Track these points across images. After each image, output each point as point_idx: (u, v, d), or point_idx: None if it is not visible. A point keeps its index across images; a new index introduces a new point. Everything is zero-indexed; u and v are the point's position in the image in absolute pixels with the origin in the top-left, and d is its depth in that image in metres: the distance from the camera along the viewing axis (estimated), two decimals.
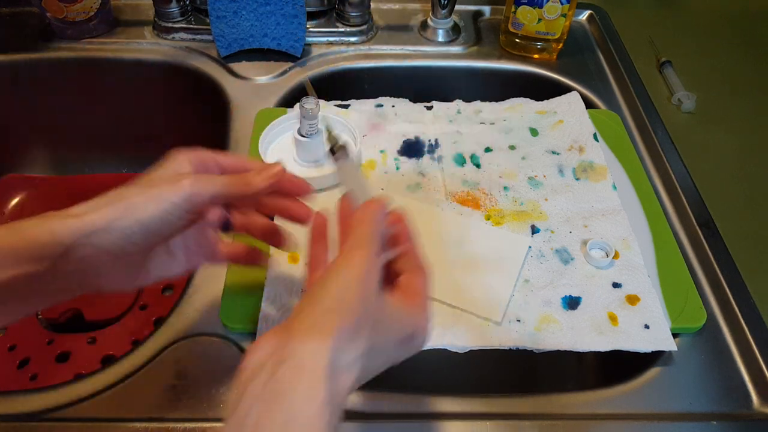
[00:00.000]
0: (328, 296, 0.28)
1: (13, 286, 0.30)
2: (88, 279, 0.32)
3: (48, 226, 0.30)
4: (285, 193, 0.38)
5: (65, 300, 0.33)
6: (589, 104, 0.67)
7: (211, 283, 0.47)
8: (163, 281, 0.65)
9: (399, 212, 0.35)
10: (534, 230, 0.52)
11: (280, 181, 0.36)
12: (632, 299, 0.46)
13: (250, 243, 0.42)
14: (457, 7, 0.76)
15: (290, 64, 0.69)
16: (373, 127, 0.61)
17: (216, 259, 0.41)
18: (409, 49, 0.73)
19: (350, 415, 0.41)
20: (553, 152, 0.59)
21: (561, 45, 0.71)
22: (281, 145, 0.58)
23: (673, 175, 0.58)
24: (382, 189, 0.55)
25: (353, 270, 0.29)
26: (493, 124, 0.62)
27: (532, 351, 0.44)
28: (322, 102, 0.60)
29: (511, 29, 0.70)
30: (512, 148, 0.60)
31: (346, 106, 0.63)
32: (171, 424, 0.39)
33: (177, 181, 0.33)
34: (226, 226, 0.39)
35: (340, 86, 0.71)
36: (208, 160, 0.36)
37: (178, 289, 0.65)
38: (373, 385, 0.43)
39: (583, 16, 0.80)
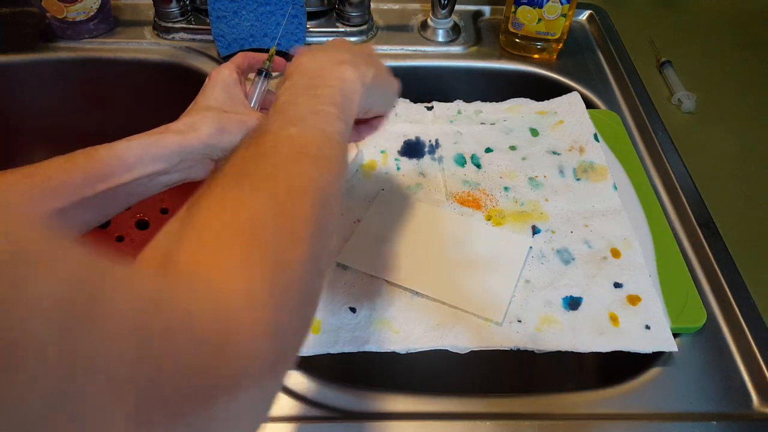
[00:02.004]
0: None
1: (143, 181, 0.41)
2: (177, 179, 0.43)
3: (174, 137, 0.41)
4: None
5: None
6: (589, 104, 0.67)
7: None
8: None
9: None
10: (535, 230, 0.52)
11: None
12: (633, 299, 0.46)
13: None
14: (457, 7, 0.76)
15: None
16: None
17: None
18: (409, 49, 0.73)
19: (349, 415, 0.41)
20: (554, 152, 0.59)
21: (561, 45, 0.71)
22: None
23: (673, 175, 0.58)
24: (383, 189, 0.55)
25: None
26: (494, 124, 0.62)
27: (532, 351, 0.44)
28: None
29: (511, 29, 0.70)
30: (513, 148, 0.60)
31: None
32: None
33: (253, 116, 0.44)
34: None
35: None
36: (242, 73, 0.47)
37: None
38: (373, 385, 0.43)
39: (583, 16, 0.80)
